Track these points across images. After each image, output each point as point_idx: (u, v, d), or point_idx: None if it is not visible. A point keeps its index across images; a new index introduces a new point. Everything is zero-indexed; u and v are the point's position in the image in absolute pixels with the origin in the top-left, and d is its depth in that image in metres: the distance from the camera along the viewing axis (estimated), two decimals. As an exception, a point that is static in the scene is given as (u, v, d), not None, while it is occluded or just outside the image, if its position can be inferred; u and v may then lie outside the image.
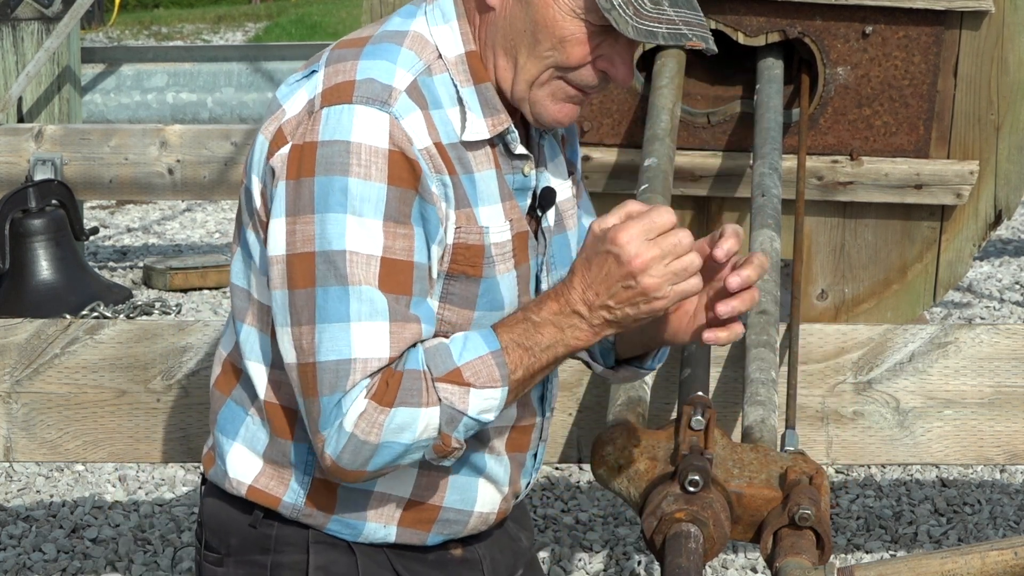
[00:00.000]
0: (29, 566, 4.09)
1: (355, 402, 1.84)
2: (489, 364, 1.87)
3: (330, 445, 1.86)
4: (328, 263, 1.84)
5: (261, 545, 2.04)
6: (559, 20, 1.89)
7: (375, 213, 1.85)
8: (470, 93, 1.95)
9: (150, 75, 7.55)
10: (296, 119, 1.90)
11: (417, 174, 1.87)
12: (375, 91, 1.87)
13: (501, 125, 1.96)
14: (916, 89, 3.63)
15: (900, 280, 3.82)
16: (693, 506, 2.11)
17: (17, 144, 5.79)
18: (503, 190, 1.97)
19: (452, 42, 1.95)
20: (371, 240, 1.85)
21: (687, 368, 2.51)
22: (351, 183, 1.84)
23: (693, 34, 1.87)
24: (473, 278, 1.95)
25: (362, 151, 1.85)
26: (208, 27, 17.50)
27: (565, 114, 1.96)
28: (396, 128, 1.86)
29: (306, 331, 1.86)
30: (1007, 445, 2.83)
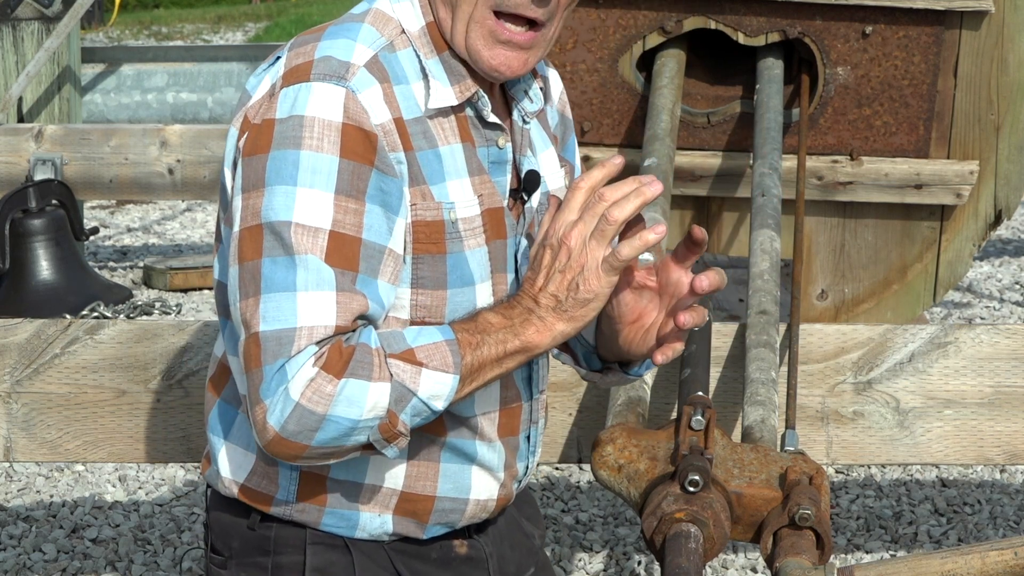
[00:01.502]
0: (29, 566, 4.09)
1: (302, 368, 1.80)
2: (443, 350, 1.85)
3: (273, 414, 1.80)
4: (274, 234, 1.83)
5: (261, 547, 2.03)
6: None
7: (326, 186, 1.83)
8: (434, 63, 1.95)
9: (150, 75, 7.55)
10: (258, 103, 1.91)
11: (373, 147, 1.86)
12: (332, 67, 1.88)
13: (469, 90, 1.96)
14: (916, 89, 3.63)
15: (900, 280, 3.82)
16: (693, 506, 2.11)
17: (17, 144, 5.79)
18: (472, 164, 1.97)
19: (413, 16, 1.97)
20: (320, 213, 1.83)
21: (687, 368, 2.51)
22: (303, 155, 1.83)
23: None
24: (438, 256, 1.94)
25: (315, 124, 1.84)
26: (208, 27, 17.50)
27: (500, 60, 1.94)
28: (352, 101, 1.86)
29: (251, 303, 1.83)
30: (1007, 445, 2.83)
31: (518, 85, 2.06)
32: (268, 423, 1.81)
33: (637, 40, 3.62)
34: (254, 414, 1.83)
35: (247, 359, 1.83)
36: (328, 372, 1.80)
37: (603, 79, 3.66)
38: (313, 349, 1.81)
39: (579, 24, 3.61)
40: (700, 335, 2.61)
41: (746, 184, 3.67)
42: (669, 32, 3.61)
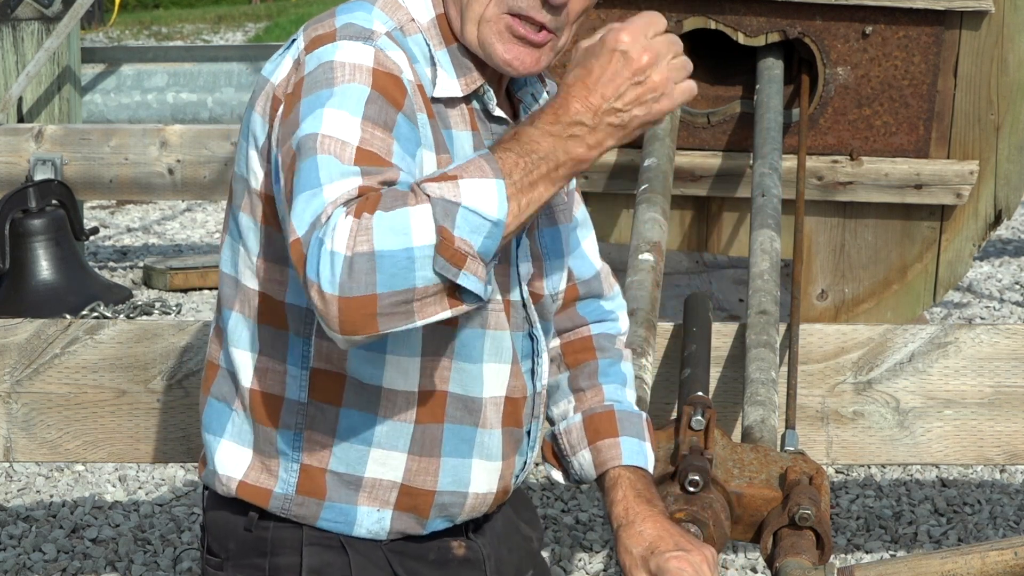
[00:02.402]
0: (29, 566, 4.09)
1: (338, 225, 1.70)
2: (477, 163, 1.77)
3: (324, 279, 1.69)
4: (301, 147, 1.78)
5: (258, 548, 2.03)
6: None
7: (354, 110, 1.79)
8: (443, 55, 1.96)
9: (150, 75, 7.55)
10: (284, 81, 1.90)
11: (403, 93, 1.84)
12: (357, 31, 1.87)
13: (475, 83, 1.97)
14: (916, 89, 3.63)
15: (900, 280, 3.82)
16: (693, 506, 2.11)
17: (17, 144, 5.79)
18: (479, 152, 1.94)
19: (423, 7, 1.97)
20: (348, 130, 1.78)
21: (687, 368, 2.51)
22: (334, 89, 1.81)
23: None
24: None
25: (346, 66, 1.83)
26: (208, 27, 17.51)
27: (514, 55, 1.94)
28: (382, 55, 1.85)
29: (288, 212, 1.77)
30: (1007, 445, 2.83)
31: (525, 88, 2.08)
32: (325, 293, 1.69)
33: (637, 40, 3.62)
34: (313, 301, 1.72)
35: (296, 259, 1.74)
36: (361, 215, 1.70)
37: (603, 79, 3.66)
38: (341, 209, 1.72)
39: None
40: (700, 335, 2.61)
41: (746, 184, 3.67)
42: (669, 32, 3.61)
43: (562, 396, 2.24)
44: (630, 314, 2.66)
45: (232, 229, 2.00)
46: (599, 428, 2.18)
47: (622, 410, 2.20)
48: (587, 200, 3.83)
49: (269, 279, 1.97)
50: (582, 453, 2.18)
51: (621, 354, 2.27)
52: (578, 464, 2.19)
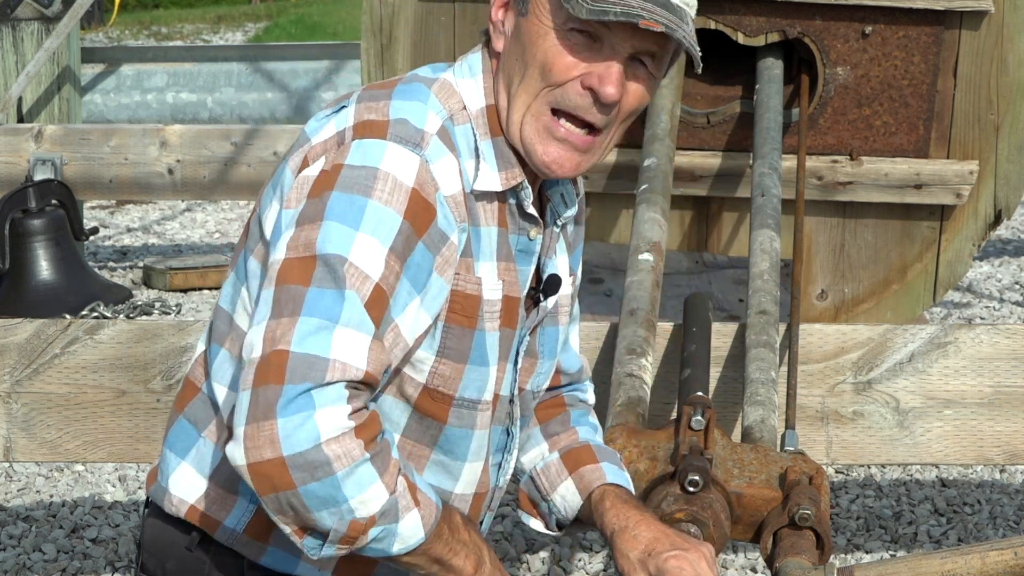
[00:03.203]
0: (29, 566, 4.09)
1: (334, 408, 1.75)
2: (434, 511, 1.86)
3: (288, 437, 1.73)
4: (328, 267, 1.81)
5: (196, 570, 2.02)
6: (541, 38, 1.91)
7: (385, 240, 1.83)
8: (487, 146, 1.96)
9: (150, 75, 7.55)
10: (322, 146, 1.90)
11: (431, 219, 1.86)
12: (409, 133, 1.88)
13: (515, 179, 1.97)
14: (916, 89, 3.63)
15: (900, 280, 3.82)
16: (693, 506, 2.11)
17: (17, 144, 5.79)
18: (502, 249, 1.98)
19: (476, 95, 1.97)
20: (374, 262, 1.82)
21: (687, 368, 2.51)
22: (371, 204, 1.83)
23: (651, 16, 1.85)
24: (468, 329, 1.95)
25: (389, 180, 1.84)
26: (208, 27, 17.50)
27: (554, 158, 1.94)
28: (425, 171, 1.86)
29: (286, 322, 1.78)
30: (1007, 445, 2.83)
31: (556, 187, 2.07)
32: (277, 441, 1.74)
33: (637, 40, 3.62)
34: (257, 428, 1.75)
35: (263, 373, 1.77)
36: (360, 438, 1.77)
37: (603, 79, 3.66)
38: (344, 392, 1.77)
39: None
40: (700, 335, 2.61)
41: (746, 184, 3.67)
42: (669, 32, 3.60)
43: (535, 443, 2.25)
44: (630, 314, 2.67)
45: (240, 268, 2.00)
46: (579, 459, 2.20)
47: (598, 445, 2.23)
48: (587, 200, 3.84)
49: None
50: (563, 485, 2.20)
51: (590, 410, 2.31)
52: (560, 499, 2.20)
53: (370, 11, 3.59)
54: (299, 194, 1.87)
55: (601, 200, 3.78)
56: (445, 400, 1.98)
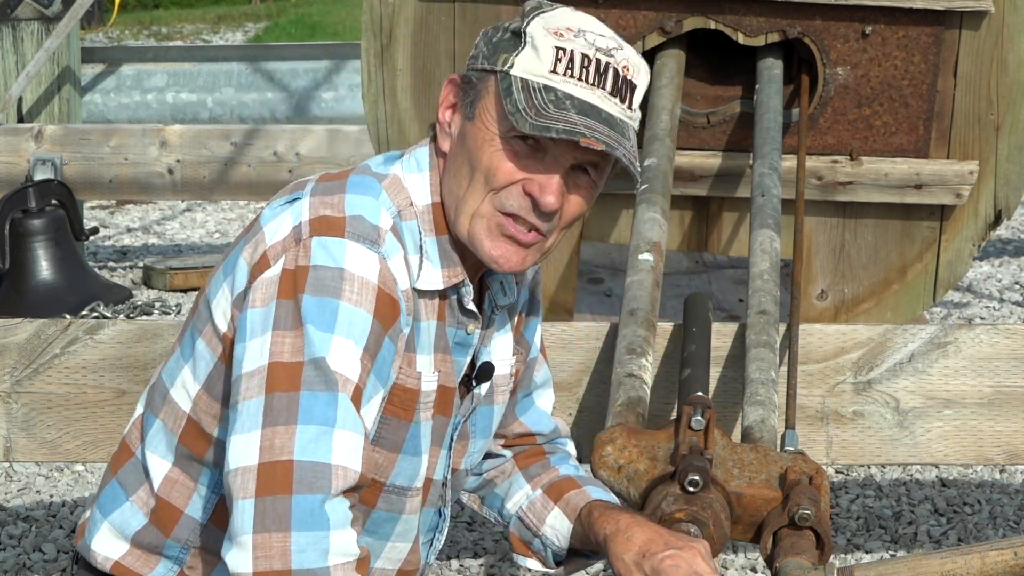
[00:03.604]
0: (29, 566, 4.09)
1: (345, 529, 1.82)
2: None
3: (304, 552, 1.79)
4: (317, 369, 1.85)
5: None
6: (487, 143, 1.95)
7: (359, 340, 1.88)
8: (431, 243, 2.01)
9: (150, 75, 7.55)
10: (281, 244, 1.93)
11: (396, 315, 1.93)
12: (365, 230, 1.93)
13: (456, 278, 2.03)
14: (916, 89, 3.63)
15: (900, 280, 3.82)
16: (693, 506, 2.11)
17: (17, 144, 5.79)
18: (439, 341, 2.03)
19: (422, 191, 2.02)
20: (352, 364, 1.87)
21: (687, 368, 2.51)
22: (342, 306, 1.88)
23: (592, 134, 1.90)
24: (404, 422, 2.01)
25: (355, 280, 1.89)
26: (208, 27, 17.50)
27: (501, 253, 1.99)
28: (385, 268, 1.92)
29: (282, 431, 1.82)
30: (1007, 445, 2.83)
31: (496, 276, 2.12)
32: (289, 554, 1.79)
33: (637, 40, 3.62)
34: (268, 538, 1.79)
35: (267, 483, 1.80)
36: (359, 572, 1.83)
37: (603, 79, 3.66)
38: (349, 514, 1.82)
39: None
40: (700, 335, 2.61)
41: (746, 184, 3.67)
42: (669, 32, 3.61)
43: (517, 487, 2.31)
44: (630, 314, 2.67)
45: (186, 345, 2.04)
46: (561, 488, 2.26)
47: (580, 476, 2.29)
48: (587, 200, 3.83)
49: (205, 411, 2.01)
50: (551, 515, 2.25)
51: (571, 457, 2.37)
52: (550, 530, 2.24)
53: (370, 10, 3.59)
54: (266, 295, 1.90)
55: (601, 200, 3.77)
56: (376, 487, 2.03)
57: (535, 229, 1.99)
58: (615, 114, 1.95)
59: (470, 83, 1.99)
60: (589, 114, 1.92)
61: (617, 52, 1.98)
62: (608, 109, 1.94)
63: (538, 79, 1.93)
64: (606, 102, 1.94)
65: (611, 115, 1.94)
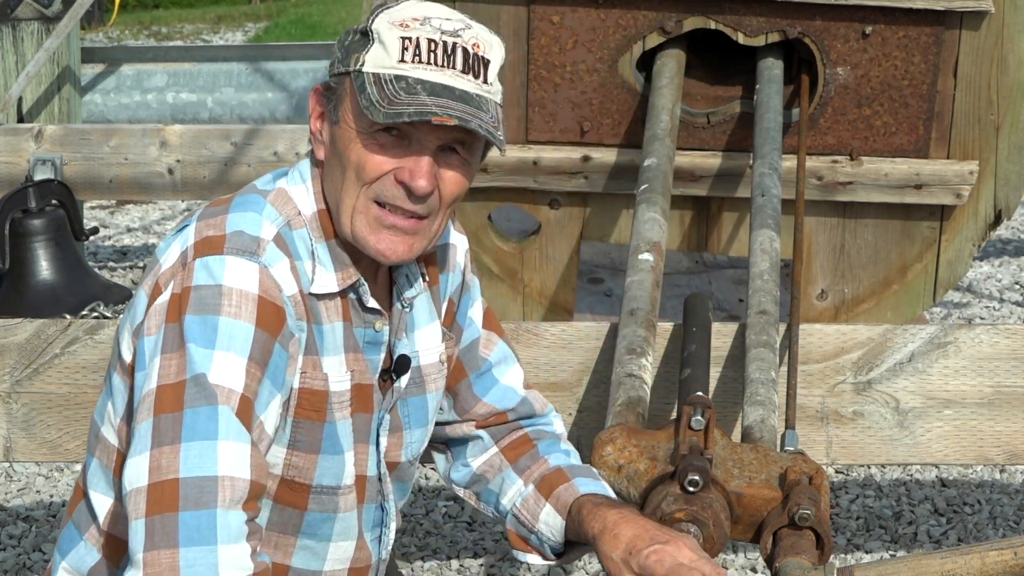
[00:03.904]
0: (29, 566, 4.09)
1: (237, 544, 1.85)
2: None
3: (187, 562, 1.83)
4: (197, 386, 1.90)
5: None
6: (352, 142, 2.01)
7: (242, 352, 1.92)
8: (322, 249, 2.07)
9: (150, 75, 7.55)
10: (170, 270, 1.99)
11: (282, 321, 1.97)
12: (244, 243, 1.98)
13: (350, 279, 2.08)
14: (916, 89, 3.63)
15: (900, 280, 3.82)
16: (693, 506, 2.11)
17: (17, 144, 5.79)
18: (348, 342, 2.08)
19: (307, 201, 2.08)
20: (235, 376, 1.91)
21: (687, 368, 2.51)
22: (221, 321, 1.92)
23: (444, 112, 1.96)
24: (318, 423, 2.05)
25: (233, 294, 1.94)
26: (208, 27, 17.50)
27: (387, 245, 2.04)
28: (266, 277, 1.96)
29: (168, 451, 1.88)
30: (1007, 445, 2.83)
31: (400, 269, 2.18)
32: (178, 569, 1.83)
33: (637, 40, 3.62)
34: (157, 555, 1.84)
35: (155, 502, 1.86)
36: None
37: (603, 79, 3.66)
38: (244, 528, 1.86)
39: (579, 24, 3.61)
40: (700, 335, 2.61)
41: (746, 184, 3.67)
42: (669, 32, 3.61)
43: (510, 483, 2.33)
44: (630, 314, 2.67)
45: (107, 385, 2.11)
46: (552, 483, 2.27)
47: (570, 465, 2.30)
48: (587, 200, 3.84)
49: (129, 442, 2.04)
50: (543, 512, 2.26)
51: (560, 438, 2.38)
52: (544, 527, 2.26)
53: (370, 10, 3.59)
54: (156, 321, 1.96)
55: (601, 200, 3.78)
56: (303, 489, 2.07)
57: (414, 215, 2.04)
58: (470, 90, 2.00)
59: (330, 89, 2.06)
60: (441, 94, 1.97)
61: (464, 32, 2.03)
62: (461, 86, 2.00)
63: (388, 71, 1.99)
64: (458, 80, 2.00)
65: (465, 91, 1.99)
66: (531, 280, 3.89)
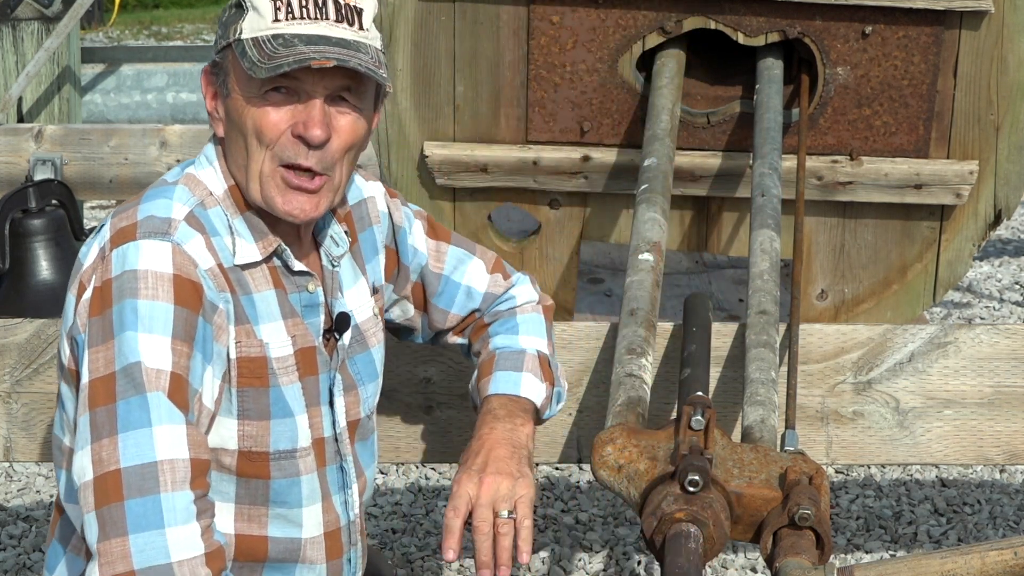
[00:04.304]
0: (29, 566, 4.09)
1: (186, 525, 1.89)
2: None
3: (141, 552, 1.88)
4: (127, 377, 1.94)
5: None
6: (245, 109, 2.09)
7: (164, 331, 1.97)
8: (239, 222, 2.13)
9: (150, 75, 7.55)
10: (91, 267, 2.05)
11: (200, 295, 2.01)
12: (155, 225, 2.04)
13: (271, 246, 2.14)
14: (916, 89, 3.63)
15: (900, 280, 3.82)
16: (693, 506, 2.11)
17: (17, 144, 5.79)
18: (284, 308, 2.14)
19: (216, 180, 2.15)
20: (161, 355, 1.96)
21: (687, 368, 2.51)
22: (140, 304, 1.97)
23: (321, 56, 2.03)
24: (262, 389, 2.10)
25: (148, 276, 1.99)
26: (208, 27, 17.50)
27: (294, 205, 2.11)
28: (179, 254, 2.02)
29: (107, 443, 1.92)
30: (1007, 445, 2.83)
31: (323, 231, 2.24)
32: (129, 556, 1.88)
33: (637, 40, 3.62)
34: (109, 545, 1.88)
35: (101, 494, 1.91)
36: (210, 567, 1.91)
37: (603, 79, 3.66)
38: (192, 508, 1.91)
39: (579, 24, 3.61)
40: (700, 335, 2.61)
41: (746, 184, 3.67)
42: (669, 32, 3.61)
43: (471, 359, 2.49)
44: (630, 314, 2.67)
45: (59, 396, 2.15)
46: (482, 371, 2.40)
47: (503, 351, 2.41)
48: (587, 200, 3.84)
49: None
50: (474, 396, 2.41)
51: (516, 311, 2.48)
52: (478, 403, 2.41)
53: (370, 11, 3.58)
54: (83, 319, 2.02)
55: (601, 200, 3.78)
56: (262, 458, 2.12)
57: (316, 174, 2.11)
58: (347, 37, 2.08)
59: (217, 65, 2.14)
60: (318, 43, 2.05)
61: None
62: (338, 34, 2.08)
63: (264, 32, 2.07)
64: (333, 29, 2.08)
65: (342, 38, 2.07)
66: (531, 280, 3.89)
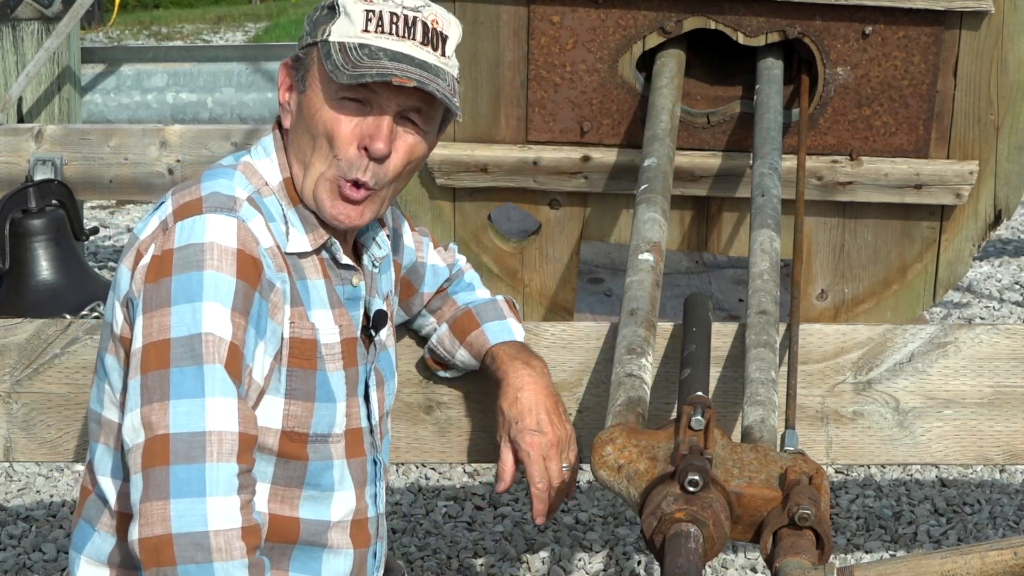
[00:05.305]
0: (29, 566, 4.09)
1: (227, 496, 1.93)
2: None
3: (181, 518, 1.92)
4: (185, 345, 1.98)
5: None
6: (319, 110, 2.14)
7: (226, 302, 2.02)
8: (292, 214, 2.19)
9: (150, 75, 7.55)
10: (150, 237, 2.09)
11: (259, 272, 2.07)
12: (221, 200, 2.10)
13: (321, 238, 2.20)
14: (916, 89, 3.63)
15: (900, 280, 3.82)
16: (693, 506, 2.11)
17: (17, 144, 5.79)
18: (332, 298, 2.21)
19: (273, 171, 2.20)
20: (223, 325, 2.01)
21: (687, 368, 2.51)
22: (206, 275, 2.02)
23: (403, 74, 2.10)
24: (309, 371, 2.15)
25: (215, 249, 2.04)
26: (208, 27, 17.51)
27: (339, 211, 2.18)
28: (243, 230, 2.07)
29: (157, 407, 1.96)
30: (1007, 445, 2.83)
31: (367, 234, 2.32)
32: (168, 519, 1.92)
33: (637, 40, 3.62)
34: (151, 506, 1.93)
35: (149, 456, 1.95)
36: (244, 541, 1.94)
37: (603, 79, 3.66)
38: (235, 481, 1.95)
39: (579, 24, 3.61)
40: (700, 335, 2.61)
41: (746, 184, 3.67)
42: (669, 32, 3.61)
43: (425, 321, 2.56)
44: (630, 314, 2.67)
45: (100, 370, 2.18)
46: (464, 327, 2.48)
47: (477, 305, 2.51)
48: (587, 200, 3.84)
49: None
50: (459, 352, 2.49)
51: (462, 272, 2.60)
52: (460, 361, 2.50)
53: None
54: (140, 283, 2.06)
55: (601, 200, 3.78)
56: (301, 439, 2.17)
57: (364, 186, 2.17)
58: (428, 60, 2.14)
59: (299, 61, 2.19)
60: (402, 60, 2.11)
61: (424, 8, 2.19)
62: (421, 56, 2.14)
63: (352, 40, 2.12)
64: (418, 50, 2.13)
65: (424, 61, 2.13)
66: (531, 280, 3.89)
